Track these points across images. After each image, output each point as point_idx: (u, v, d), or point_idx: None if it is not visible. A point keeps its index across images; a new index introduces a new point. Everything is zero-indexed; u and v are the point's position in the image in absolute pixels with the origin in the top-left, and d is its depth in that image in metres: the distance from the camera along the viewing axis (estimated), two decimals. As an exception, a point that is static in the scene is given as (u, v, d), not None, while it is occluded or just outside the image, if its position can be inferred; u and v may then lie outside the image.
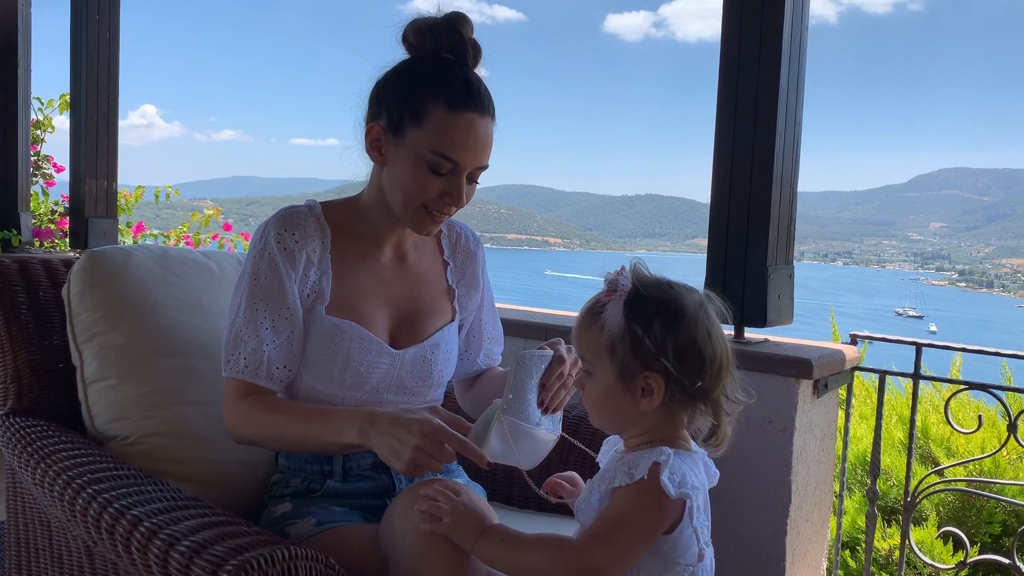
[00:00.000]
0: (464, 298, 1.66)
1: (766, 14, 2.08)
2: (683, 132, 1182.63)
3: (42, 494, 1.41)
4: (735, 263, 2.16)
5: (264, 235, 1.46)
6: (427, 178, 1.40)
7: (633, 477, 1.10)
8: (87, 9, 3.83)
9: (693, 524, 1.12)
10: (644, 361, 1.13)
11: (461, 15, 1.44)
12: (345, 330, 1.47)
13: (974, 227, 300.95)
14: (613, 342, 1.14)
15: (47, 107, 5.11)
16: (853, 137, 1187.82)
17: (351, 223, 1.54)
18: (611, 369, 1.15)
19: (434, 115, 1.38)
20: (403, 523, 1.23)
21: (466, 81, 1.41)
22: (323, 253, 1.49)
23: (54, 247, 4.76)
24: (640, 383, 1.14)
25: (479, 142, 1.40)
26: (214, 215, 5.10)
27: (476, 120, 1.39)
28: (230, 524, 1.16)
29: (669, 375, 1.13)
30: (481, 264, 1.70)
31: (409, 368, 1.54)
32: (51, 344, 1.69)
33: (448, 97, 1.38)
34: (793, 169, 2.18)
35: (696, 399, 1.15)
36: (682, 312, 1.13)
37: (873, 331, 2.42)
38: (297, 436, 1.41)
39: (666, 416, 1.17)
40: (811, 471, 2.16)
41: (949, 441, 3.05)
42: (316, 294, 1.48)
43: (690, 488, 1.10)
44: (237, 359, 1.43)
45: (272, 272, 1.44)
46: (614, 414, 1.19)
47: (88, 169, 3.92)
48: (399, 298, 1.56)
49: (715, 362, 1.14)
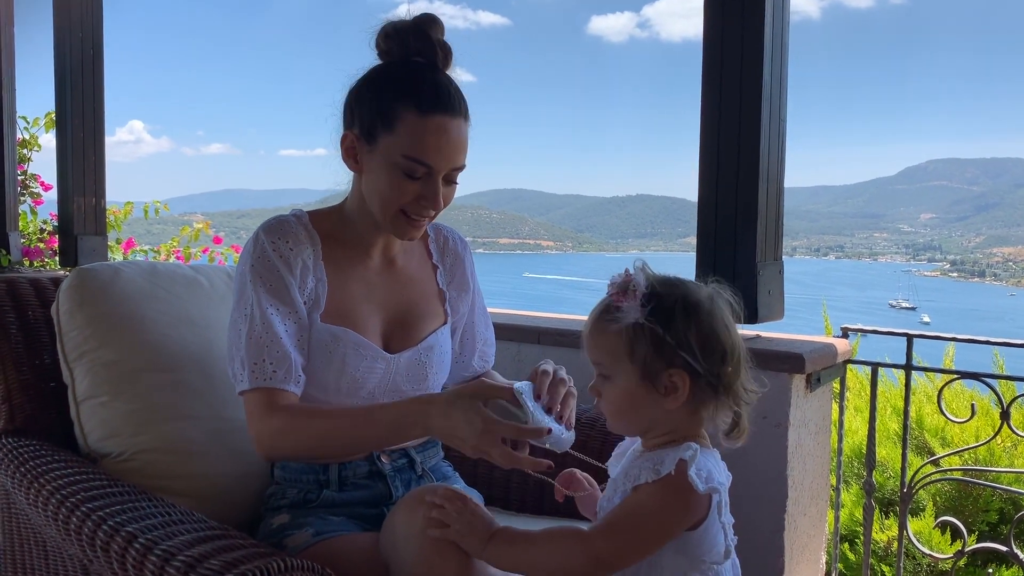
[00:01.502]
0: (455, 301, 1.67)
1: (747, 13, 2.09)
2: (671, 131, 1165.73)
3: (36, 514, 1.40)
4: (724, 260, 2.17)
5: (258, 243, 1.46)
6: (402, 183, 1.40)
7: (659, 473, 1.10)
8: (70, 27, 3.82)
9: (721, 520, 1.12)
10: (667, 358, 1.12)
11: (430, 17, 1.44)
12: (341, 337, 1.47)
13: (964, 217, 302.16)
14: (632, 343, 1.13)
15: (33, 126, 5.09)
16: (842, 131, 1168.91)
17: (338, 230, 1.54)
18: (632, 371, 1.14)
19: (404, 120, 1.38)
20: (405, 529, 1.23)
21: (435, 84, 1.40)
22: (316, 260, 1.49)
23: (44, 266, 4.75)
24: (664, 381, 1.13)
25: (451, 144, 1.40)
26: (204, 229, 5.09)
27: (447, 122, 1.39)
28: (225, 538, 1.16)
29: (692, 370, 1.12)
30: (470, 266, 1.70)
31: (404, 372, 1.54)
32: (42, 363, 1.68)
33: (417, 101, 1.38)
34: (779, 165, 2.19)
35: (719, 392, 1.15)
36: (699, 305, 1.14)
37: (867, 324, 2.43)
38: (347, 442, 1.41)
39: (688, 413, 1.16)
40: (807, 465, 2.16)
41: (944, 431, 3.06)
42: (313, 301, 1.47)
43: (716, 483, 1.11)
44: (263, 367, 1.39)
45: (275, 277, 1.43)
46: (638, 416, 1.18)
47: (76, 187, 3.91)
48: (390, 302, 1.56)
49: (735, 352, 1.15)
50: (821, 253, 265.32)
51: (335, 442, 1.41)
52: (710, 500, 1.11)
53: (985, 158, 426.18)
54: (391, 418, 1.34)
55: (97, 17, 3.89)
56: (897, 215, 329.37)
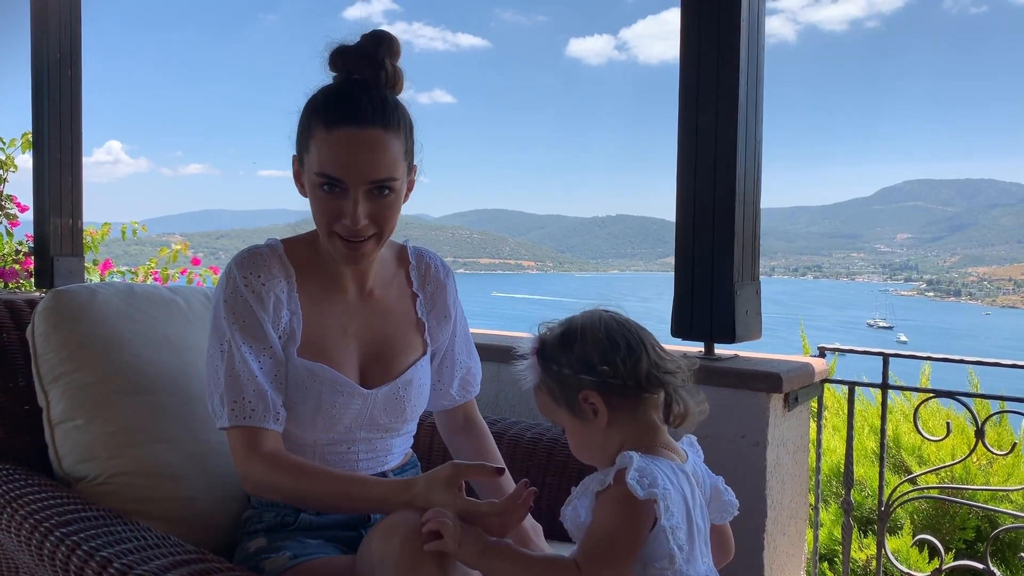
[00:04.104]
0: (435, 329, 1.64)
1: (722, 37, 2.12)
2: (650, 151, 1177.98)
3: (9, 539, 1.38)
4: (702, 281, 2.18)
5: (230, 278, 1.44)
6: (323, 202, 1.37)
7: (603, 484, 1.15)
8: (48, 47, 3.80)
9: (662, 523, 1.13)
10: (572, 386, 1.22)
11: (376, 36, 1.42)
12: (317, 373, 1.45)
13: (939, 237, 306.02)
14: (549, 389, 1.26)
15: (9, 146, 5.05)
16: (818, 153, 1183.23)
17: (312, 260, 1.52)
18: (562, 412, 1.25)
19: (315, 136, 1.36)
20: (380, 552, 1.22)
21: (346, 97, 1.36)
22: (291, 292, 1.47)
23: (19, 287, 4.70)
24: (582, 407, 1.22)
25: (360, 155, 1.34)
26: (182, 250, 5.06)
27: (356, 134, 1.33)
28: (202, 562, 1.14)
29: (598, 385, 1.20)
30: (452, 294, 1.67)
31: (382, 406, 1.52)
32: (16, 386, 1.66)
33: (325, 116, 1.35)
34: (756, 186, 2.21)
35: (632, 388, 1.20)
36: (574, 329, 1.24)
37: (845, 343, 2.45)
38: (328, 509, 1.44)
39: (628, 423, 1.22)
40: (786, 485, 2.17)
41: (920, 449, 3.09)
42: (288, 335, 1.46)
43: (660, 489, 1.12)
44: (242, 405, 1.38)
45: (248, 313, 1.42)
46: (589, 447, 1.26)
47: (52, 207, 3.88)
48: (367, 335, 1.54)
49: (622, 347, 1.21)
50: (799, 273, 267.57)
51: (317, 505, 1.43)
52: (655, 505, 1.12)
53: (960, 179, 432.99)
54: (374, 502, 1.34)
55: (76, 37, 3.88)
56: (874, 235, 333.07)
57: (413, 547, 1.18)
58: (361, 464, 1.54)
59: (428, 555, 1.18)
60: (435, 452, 1.97)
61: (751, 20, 2.14)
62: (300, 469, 1.38)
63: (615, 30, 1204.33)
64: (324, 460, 1.50)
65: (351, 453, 1.53)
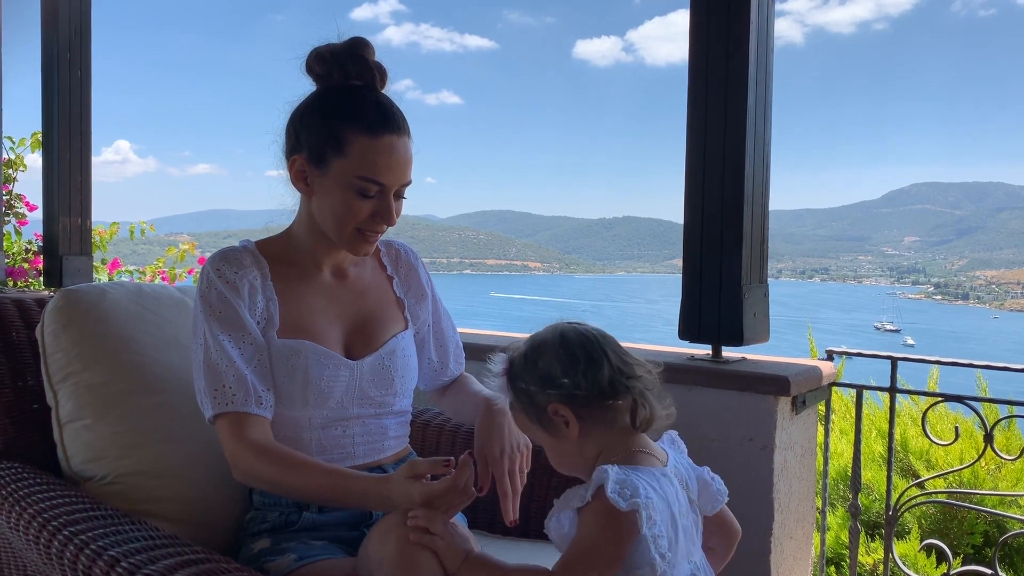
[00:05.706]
0: (415, 307, 1.71)
1: (731, 39, 2.12)
2: (657, 153, 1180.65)
3: (17, 538, 1.39)
4: (710, 284, 2.18)
5: (205, 274, 1.50)
6: (357, 202, 1.46)
7: (584, 499, 1.15)
8: (58, 48, 3.82)
9: (643, 532, 1.13)
10: (541, 401, 1.24)
11: (362, 41, 1.50)
12: (299, 349, 1.48)
13: (947, 240, 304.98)
14: (522, 408, 1.27)
15: (19, 146, 5.08)
16: (826, 155, 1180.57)
17: (286, 253, 1.58)
18: (536, 428, 1.27)
19: (355, 143, 1.43)
20: (377, 554, 1.23)
21: (378, 105, 1.46)
22: (265, 280, 1.52)
23: (28, 286, 4.72)
24: (552, 420, 1.23)
25: (400, 161, 1.46)
26: (190, 249, 5.08)
27: (395, 141, 1.45)
28: (208, 562, 1.15)
29: (564, 397, 1.21)
30: (424, 275, 1.75)
31: (370, 377, 1.55)
32: (25, 385, 1.67)
33: (366, 124, 1.43)
34: (764, 188, 2.21)
35: (601, 398, 1.21)
36: (536, 346, 1.26)
37: (852, 346, 2.45)
38: (317, 500, 1.45)
39: (601, 432, 1.23)
40: (793, 488, 2.17)
41: (928, 453, 3.08)
42: (266, 320, 1.50)
43: (642, 499, 1.12)
44: (223, 392, 1.42)
45: (223, 303, 1.46)
46: (566, 459, 1.28)
47: (61, 207, 3.89)
48: (348, 311, 1.59)
49: (581, 359, 1.22)
50: (806, 275, 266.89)
51: (303, 496, 1.44)
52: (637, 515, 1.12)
53: (967, 182, 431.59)
54: (356, 495, 1.35)
55: (85, 37, 3.90)
56: (881, 238, 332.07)
57: (410, 548, 1.20)
58: (359, 449, 1.55)
59: (425, 555, 1.19)
60: (440, 453, 1.97)
61: (760, 21, 2.14)
62: (288, 460, 1.40)
63: (622, 32, 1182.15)
64: (321, 445, 1.51)
65: (347, 436, 1.54)
